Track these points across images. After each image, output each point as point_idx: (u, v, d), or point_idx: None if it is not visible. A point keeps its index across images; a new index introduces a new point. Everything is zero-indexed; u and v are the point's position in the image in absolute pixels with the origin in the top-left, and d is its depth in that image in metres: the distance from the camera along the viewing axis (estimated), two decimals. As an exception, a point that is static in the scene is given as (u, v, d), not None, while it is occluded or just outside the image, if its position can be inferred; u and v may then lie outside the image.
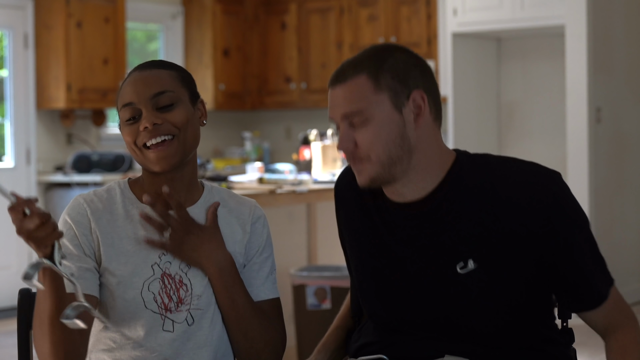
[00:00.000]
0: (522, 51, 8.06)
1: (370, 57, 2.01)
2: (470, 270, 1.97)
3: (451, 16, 7.61)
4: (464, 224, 1.99)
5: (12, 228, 1.81)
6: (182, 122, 2.07)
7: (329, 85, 2.05)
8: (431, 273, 2.00)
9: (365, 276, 2.12)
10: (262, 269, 2.17)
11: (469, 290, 1.97)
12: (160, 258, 2.08)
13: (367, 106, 1.98)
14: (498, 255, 1.97)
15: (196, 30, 8.89)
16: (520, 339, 2.03)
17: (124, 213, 2.11)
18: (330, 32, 8.73)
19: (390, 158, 1.99)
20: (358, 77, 1.99)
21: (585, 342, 5.96)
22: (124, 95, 2.08)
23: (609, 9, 7.13)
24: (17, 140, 7.74)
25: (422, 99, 2.00)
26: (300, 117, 9.26)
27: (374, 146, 1.98)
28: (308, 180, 5.74)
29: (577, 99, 6.94)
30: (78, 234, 2.08)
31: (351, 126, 2.00)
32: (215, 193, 2.19)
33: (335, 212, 2.22)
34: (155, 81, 2.08)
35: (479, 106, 7.86)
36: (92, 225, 2.08)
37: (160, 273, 2.07)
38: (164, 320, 2.07)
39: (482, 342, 2.01)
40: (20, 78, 7.73)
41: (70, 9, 7.64)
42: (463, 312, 1.99)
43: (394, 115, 1.99)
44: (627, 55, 7.37)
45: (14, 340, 4.87)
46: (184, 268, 2.09)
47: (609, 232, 7.13)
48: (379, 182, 2.02)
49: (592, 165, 6.94)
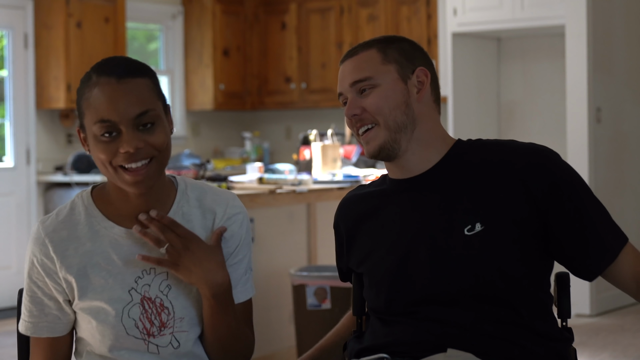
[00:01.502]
0: (522, 51, 8.06)
1: (379, 39, 2.19)
2: (478, 232, 2.06)
3: (451, 16, 7.60)
4: (469, 191, 2.10)
5: (12, 228, 1.81)
6: (163, 144, 1.95)
7: (340, 62, 2.20)
8: (441, 237, 2.08)
9: (378, 259, 2.16)
10: (237, 271, 2.07)
11: (476, 250, 2.05)
12: (137, 282, 1.99)
13: (375, 74, 2.14)
14: (503, 216, 2.06)
15: (196, 30, 8.89)
16: (521, 301, 2.07)
17: (89, 234, 2.01)
18: (330, 32, 8.73)
19: (396, 123, 2.12)
20: (368, 51, 2.16)
21: (585, 342, 5.97)
22: (100, 108, 1.92)
23: (609, 9, 7.12)
24: (17, 140, 7.74)
25: (425, 75, 2.16)
26: (300, 117, 9.26)
27: (381, 110, 2.12)
28: (308, 180, 5.74)
29: (577, 99, 6.94)
30: (44, 275, 2.01)
31: (359, 94, 2.14)
32: (190, 193, 2.07)
33: (338, 237, 2.30)
34: (137, 98, 1.93)
35: (479, 106, 7.86)
36: (58, 264, 2.00)
37: (139, 297, 1.99)
38: (147, 345, 2.00)
39: (485, 308, 2.05)
40: (20, 78, 7.72)
41: (70, 9, 7.64)
42: (471, 271, 2.06)
43: (400, 84, 2.14)
44: (627, 55, 7.37)
45: (14, 340, 4.87)
46: (164, 290, 2.00)
47: (609, 232, 7.12)
48: (387, 150, 2.13)
49: (592, 165, 6.94)
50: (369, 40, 2.20)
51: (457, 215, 2.08)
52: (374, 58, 2.15)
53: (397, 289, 2.11)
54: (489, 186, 2.09)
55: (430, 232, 2.09)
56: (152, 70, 2.01)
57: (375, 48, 2.16)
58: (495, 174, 2.10)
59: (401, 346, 2.09)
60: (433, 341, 2.06)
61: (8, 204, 7.58)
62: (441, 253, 2.08)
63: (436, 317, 2.07)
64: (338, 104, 8.65)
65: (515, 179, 2.08)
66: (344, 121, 7.63)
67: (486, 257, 2.05)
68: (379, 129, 2.13)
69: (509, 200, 2.07)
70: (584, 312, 6.88)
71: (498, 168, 2.11)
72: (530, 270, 2.10)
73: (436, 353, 2.04)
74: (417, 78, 2.16)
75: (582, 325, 6.49)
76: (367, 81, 2.13)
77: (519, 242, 2.07)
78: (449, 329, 2.06)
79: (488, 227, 2.06)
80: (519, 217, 2.07)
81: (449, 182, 2.12)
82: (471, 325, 2.05)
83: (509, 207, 2.07)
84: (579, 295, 6.79)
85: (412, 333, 2.09)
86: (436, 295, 2.07)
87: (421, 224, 2.11)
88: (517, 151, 2.12)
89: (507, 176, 2.09)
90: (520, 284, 2.08)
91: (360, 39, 8.49)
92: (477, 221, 2.07)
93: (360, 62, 2.15)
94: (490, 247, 2.05)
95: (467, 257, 2.06)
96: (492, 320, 2.06)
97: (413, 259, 2.10)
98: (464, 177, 2.12)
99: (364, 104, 2.13)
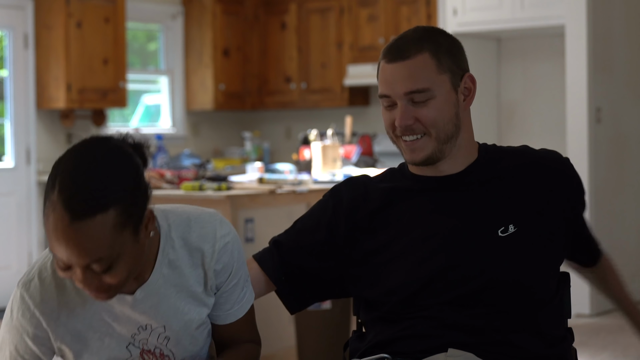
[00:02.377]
0: (522, 51, 8.06)
1: (426, 36, 2.11)
2: (511, 233, 2.08)
3: (451, 16, 7.60)
4: (501, 193, 2.12)
5: (12, 228, 1.79)
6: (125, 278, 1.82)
7: (386, 60, 2.10)
8: (475, 237, 2.08)
9: (398, 254, 2.12)
10: (233, 294, 2.02)
11: (509, 251, 2.08)
12: (134, 338, 1.94)
13: (432, 85, 2.07)
14: (534, 219, 2.11)
15: (196, 30, 8.89)
16: (540, 303, 2.11)
17: (78, 298, 1.92)
18: (330, 32, 8.73)
19: (447, 135, 2.10)
20: (421, 55, 2.08)
21: (585, 342, 5.97)
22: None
23: (609, 9, 7.12)
24: (17, 140, 7.74)
25: (472, 82, 2.14)
26: (300, 117, 9.26)
27: (435, 123, 2.08)
28: (308, 180, 5.74)
29: (577, 99, 6.94)
30: (36, 346, 1.93)
31: (411, 102, 2.08)
32: (174, 234, 1.94)
33: (344, 219, 2.18)
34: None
35: (479, 106, 7.86)
36: (53, 336, 1.92)
37: (137, 351, 1.94)
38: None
39: (502, 309, 2.07)
40: (20, 78, 7.72)
41: (70, 9, 7.63)
42: (501, 271, 2.07)
43: (452, 96, 2.11)
44: (627, 55, 7.37)
45: (14, 340, 4.86)
46: (162, 342, 1.96)
47: (609, 232, 7.13)
48: (431, 160, 2.11)
49: (592, 165, 6.94)
50: (416, 37, 2.10)
51: (490, 217, 2.10)
52: (429, 65, 2.07)
53: (421, 287, 2.08)
54: (519, 189, 2.13)
55: (463, 231, 2.09)
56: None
57: (428, 52, 2.08)
58: (524, 178, 2.15)
59: (406, 343, 2.07)
60: (437, 343, 2.05)
61: (8, 204, 7.58)
62: (474, 253, 2.07)
63: (442, 317, 2.05)
64: (338, 103, 8.68)
65: (542, 183, 2.15)
66: (344, 121, 7.64)
67: (519, 258, 2.08)
68: (429, 140, 2.09)
69: (538, 203, 2.13)
70: (584, 312, 6.88)
71: (526, 173, 2.15)
72: (555, 272, 2.16)
73: (437, 353, 2.04)
74: (465, 85, 2.13)
75: (582, 325, 6.49)
76: (424, 92, 2.07)
77: (549, 244, 2.12)
78: (455, 331, 2.04)
79: (521, 229, 2.09)
80: (548, 220, 2.13)
81: (479, 185, 2.13)
82: (480, 327, 2.04)
83: (539, 211, 2.12)
84: (579, 295, 6.79)
85: (417, 333, 2.07)
86: (460, 295, 2.06)
87: (453, 222, 2.10)
88: (540, 157, 2.19)
89: (534, 181, 2.15)
90: (545, 286, 2.11)
91: (360, 39, 8.49)
92: (511, 223, 2.09)
93: (416, 70, 2.07)
94: (523, 248, 2.08)
95: (501, 258, 2.07)
96: (504, 321, 2.06)
97: (443, 258, 2.08)
98: (495, 179, 2.14)
99: (419, 115, 2.08)
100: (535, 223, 2.11)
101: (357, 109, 8.80)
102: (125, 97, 8.05)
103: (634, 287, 7.42)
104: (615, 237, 7.21)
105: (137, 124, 8.78)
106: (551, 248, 2.13)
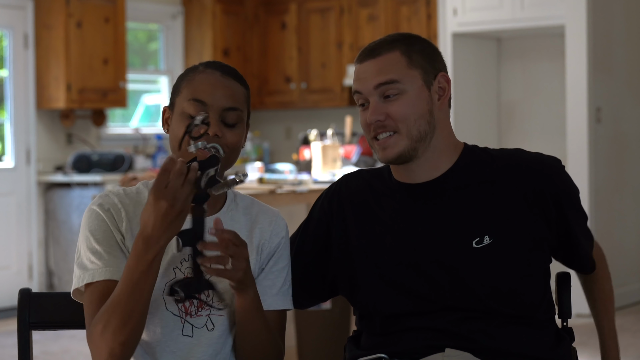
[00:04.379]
0: (522, 51, 8.06)
1: (399, 39, 2.10)
2: (486, 245, 2.03)
3: (451, 16, 7.60)
4: (477, 203, 2.07)
5: (12, 228, 1.80)
6: (237, 143, 2.07)
7: (358, 61, 2.11)
8: (448, 248, 2.04)
9: (375, 264, 2.10)
10: (278, 279, 2.11)
11: (484, 262, 2.03)
12: (182, 263, 2.03)
13: (402, 78, 2.06)
14: (512, 229, 2.05)
15: (196, 30, 8.89)
16: (526, 312, 2.07)
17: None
18: (330, 32, 8.73)
19: (419, 132, 2.06)
20: (392, 53, 2.07)
21: (585, 342, 5.97)
22: (199, 90, 2.05)
23: (609, 9, 7.12)
24: (17, 140, 7.74)
25: (446, 82, 2.10)
26: (300, 117, 9.26)
27: (406, 119, 2.05)
28: (308, 180, 5.74)
29: (577, 99, 6.94)
30: (112, 228, 2.03)
31: (383, 99, 2.06)
32: (239, 200, 2.14)
33: (329, 225, 2.18)
34: (232, 94, 2.07)
35: (479, 106, 7.86)
36: (124, 225, 2.03)
37: (182, 276, 2.02)
38: (183, 324, 2.03)
39: (490, 315, 2.04)
40: (20, 78, 7.72)
41: (70, 9, 7.63)
42: (477, 283, 2.03)
43: (424, 92, 2.08)
44: (627, 55, 7.37)
45: (14, 340, 4.87)
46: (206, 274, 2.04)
47: (609, 232, 7.13)
48: (404, 157, 2.07)
49: (592, 165, 6.94)
50: (389, 39, 2.11)
51: (465, 227, 2.05)
52: (399, 61, 2.07)
53: (396, 298, 2.07)
54: (497, 198, 2.07)
55: (437, 243, 2.06)
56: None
57: (398, 50, 2.07)
58: (503, 185, 2.08)
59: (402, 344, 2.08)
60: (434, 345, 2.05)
61: (8, 204, 7.58)
62: (447, 265, 2.04)
63: (435, 326, 2.04)
64: (338, 103, 8.68)
65: (522, 191, 2.07)
66: (344, 121, 7.64)
67: (493, 270, 2.03)
68: (400, 137, 2.06)
69: (517, 213, 2.06)
70: (584, 312, 6.87)
71: (505, 180, 2.09)
72: (536, 281, 2.09)
73: (434, 353, 2.04)
74: (439, 84, 2.10)
75: (582, 325, 6.48)
76: (393, 84, 2.05)
77: (527, 255, 2.06)
78: (448, 338, 2.04)
79: (497, 240, 2.04)
80: (527, 229, 2.06)
81: (456, 192, 2.08)
82: (471, 333, 2.04)
83: (517, 220, 2.06)
84: (579, 295, 6.76)
85: (408, 341, 2.07)
86: (437, 305, 2.04)
87: (427, 233, 2.07)
88: (523, 163, 2.11)
89: (514, 188, 2.07)
90: (525, 297, 2.06)
91: (360, 39, 8.49)
92: (486, 234, 2.04)
93: (385, 64, 2.06)
94: (497, 260, 2.03)
95: (474, 270, 2.03)
96: (494, 327, 2.04)
97: (417, 268, 2.06)
98: (472, 187, 2.08)
99: (389, 110, 2.06)
100: (513, 232, 2.05)
101: (357, 109, 8.77)
102: (125, 97, 8.05)
103: (634, 287, 7.42)
104: (615, 237, 7.21)
105: (137, 124, 8.78)
106: (535, 253, 2.07)
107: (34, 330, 2.20)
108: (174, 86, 2.11)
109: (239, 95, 2.06)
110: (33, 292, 2.20)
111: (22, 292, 2.19)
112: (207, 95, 2.03)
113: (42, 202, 7.72)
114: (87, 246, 2.02)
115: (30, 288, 2.26)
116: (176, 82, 2.10)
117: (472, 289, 2.02)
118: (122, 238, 2.03)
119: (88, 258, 2.01)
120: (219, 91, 2.04)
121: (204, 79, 2.05)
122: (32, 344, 2.19)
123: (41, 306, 2.20)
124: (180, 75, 2.11)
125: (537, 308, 2.09)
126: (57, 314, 2.20)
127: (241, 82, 2.09)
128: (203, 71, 2.07)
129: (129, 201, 2.06)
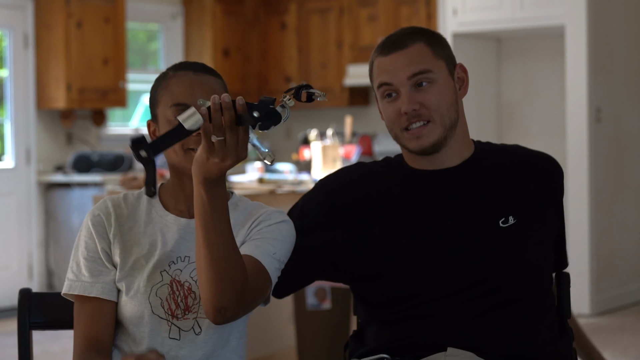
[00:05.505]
0: (522, 51, 8.06)
1: (416, 31, 2.15)
2: (511, 224, 2.10)
3: (451, 16, 7.61)
4: (499, 185, 2.15)
5: (12, 228, 1.81)
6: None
7: (382, 54, 2.13)
8: (476, 228, 2.10)
9: (395, 247, 2.11)
10: (264, 243, 2.00)
11: (510, 241, 2.10)
12: (170, 266, 2.04)
13: (432, 68, 2.11)
14: (533, 213, 2.14)
15: (196, 30, 8.89)
16: (535, 297, 2.12)
17: (145, 218, 2.09)
18: (330, 32, 8.73)
19: (450, 121, 2.12)
20: (417, 44, 2.12)
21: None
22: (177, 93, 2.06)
23: (609, 9, 7.12)
24: (17, 140, 7.74)
25: (464, 72, 2.18)
26: (300, 117, 9.26)
27: (439, 107, 2.10)
28: (308, 180, 5.74)
29: (577, 99, 6.94)
30: (98, 240, 2.06)
31: (415, 88, 2.10)
32: (240, 204, 2.10)
33: (342, 217, 2.16)
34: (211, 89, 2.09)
35: (479, 106, 7.86)
36: (112, 230, 2.06)
37: (169, 279, 2.03)
38: (170, 327, 2.02)
39: (499, 302, 2.08)
40: (20, 78, 7.73)
41: (70, 9, 7.64)
42: (500, 262, 2.09)
43: (450, 81, 2.15)
44: (627, 55, 7.37)
45: (14, 340, 4.87)
46: (194, 277, 2.03)
47: (609, 232, 7.13)
48: (437, 146, 2.12)
49: (592, 165, 6.94)
50: (408, 32, 2.15)
51: (491, 208, 2.12)
52: (426, 52, 2.12)
53: (421, 281, 2.08)
54: (515, 183, 2.16)
55: (465, 222, 2.11)
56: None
57: (422, 42, 2.13)
58: (518, 173, 2.17)
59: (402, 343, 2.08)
60: (434, 339, 2.05)
61: (8, 204, 7.58)
62: (476, 244, 2.09)
63: (442, 312, 2.06)
64: (338, 103, 8.68)
65: (534, 180, 2.18)
66: (344, 121, 7.64)
67: (517, 249, 2.10)
68: (434, 126, 2.11)
69: (536, 199, 2.16)
70: (584, 312, 6.88)
71: (520, 168, 2.18)
72: (548, 268, 2.18)
73: (436, 352, 2.04)
74: (458, 74, 2.18)
75: (582, 325, 6.49)
76: (426, 74, 2.10)
77: (545, 238, 2.16)
78: (452, 327, 2.05)
79: (520, 220, 2.11)
80: (545, 215, 2.16)
81: (479, 176, 2.15)
82: (475, 320, 2.05)
83: (537, 205, 2.15)
84: (579, 295, 6.79)
85: (416, 333, 2.08)
86: (462, 288, 2.07)
87: (454, 214, 2.11)
88: (532, 156, 2.22)
89: (527, 177, 2.17)
90: (543, 278, 2.14)
91: (360, 39, 8.49)
92: (510, 214, 2.11)
93: (415, 55, 2.11)
94: (521, 240, 2.11)
95: (500, 249, 2.09)
96: (500, 315, 2.06)
97: (444, 250, 2.09)
98: (493, 172, 2.16)
99: (423, 99, 2.10)
100: (532, 216, 2.14)
101: (357, 109, 8.80)
102: (125, 97, 8.05)
103: (634, 287, 7.42)
104: (615, 237, 7.22)
105: (137, 124, 8.78)
106: (547, 241, 2.17)
107: (34, 330, 2.19)
108: (150, 99, 2.10)
109: (217, 88, 2.07)
110: (33, 292, 2.20)
111: (22, 292, 2.19)
112: (187, 97, 2.04)
113: (42, 202, 7.72)
114: (74, 254, 2.08)
115: (30, 288, 2.26)
116: (151, 94, 2.10)
117: (497, 268, 2.08)
118: (109, 243, 2.06)
119: (71, 267, 2.07)
120: (197, 89, 2.05)
121: (179, 82, 2.06)
122: (32, 344, 2.19)
123: (41, 306, 2.20)
124: (153, 86, 2.11)
125: (544, 297, 2.14)
126: (57, 314, 2.19)
127: (214, 74, 2.10)
128: (174, 75, 2.08)
129: (125, 205, 2.09)
